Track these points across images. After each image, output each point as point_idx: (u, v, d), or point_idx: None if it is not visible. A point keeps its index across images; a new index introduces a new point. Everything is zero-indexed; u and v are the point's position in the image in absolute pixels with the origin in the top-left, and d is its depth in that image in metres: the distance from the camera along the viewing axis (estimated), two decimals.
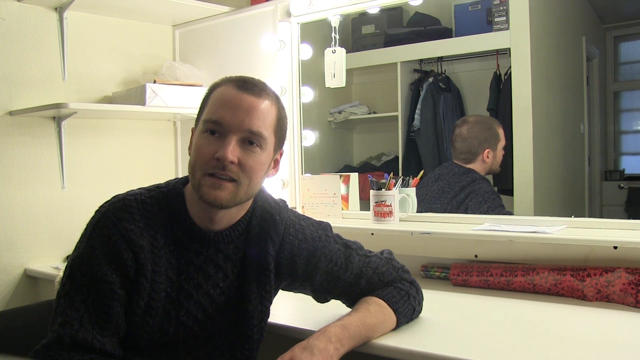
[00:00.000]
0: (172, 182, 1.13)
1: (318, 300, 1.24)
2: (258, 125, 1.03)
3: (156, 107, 2.09)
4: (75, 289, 0.98)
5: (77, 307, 0.97)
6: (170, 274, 1.06)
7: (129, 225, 1.02)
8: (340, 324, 1.07)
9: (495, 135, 2.09)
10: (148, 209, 1.06)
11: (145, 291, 1.02)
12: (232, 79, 1.08)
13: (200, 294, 1.09)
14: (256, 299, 1.12)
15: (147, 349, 1.06)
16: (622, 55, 3.09)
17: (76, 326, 0.96)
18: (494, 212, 1.89)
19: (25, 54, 2.03)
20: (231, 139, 1.02)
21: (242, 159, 1.03)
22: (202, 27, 2.41)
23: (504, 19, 2.15)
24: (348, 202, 2.06)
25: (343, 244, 1.22)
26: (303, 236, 1.18)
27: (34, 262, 2.06)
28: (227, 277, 1.11)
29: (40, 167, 2.07)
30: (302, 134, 2.16)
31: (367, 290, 1.19)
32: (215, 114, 1.04)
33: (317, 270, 1.17)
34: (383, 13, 2.52)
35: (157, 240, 1.05)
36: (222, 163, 1.01)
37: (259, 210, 1.16)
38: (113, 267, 1.00)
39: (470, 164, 2.07)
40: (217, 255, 1.11)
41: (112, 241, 1.00)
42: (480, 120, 2.20)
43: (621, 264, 1.39)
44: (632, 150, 3.07)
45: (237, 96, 1.04)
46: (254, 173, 1.05)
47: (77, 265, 1.00)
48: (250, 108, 1.03)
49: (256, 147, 1.04)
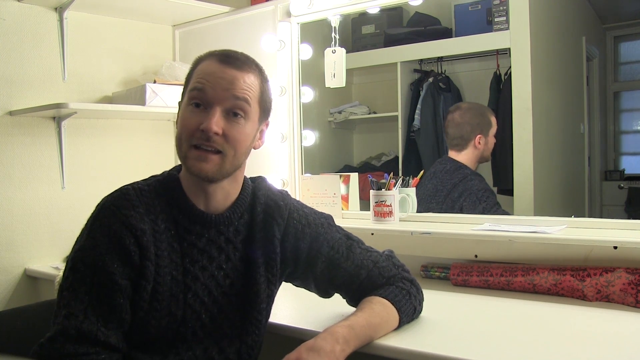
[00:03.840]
0: (167, 171, 1.16)
1: (320, 293, 1.24)
2: (242, 96, 1.06)
3: (156, 107, 2.09)
4: (79, 281, 0.98)
5: (81, 299, 0.97)
6: (174, 258, 1.07)
7: (129, 211, 1.03)
8: (347, 324, 1.06)
9: (487, 122, 2.11)
10: (147, 196, 1.07)
11: (151, 275, 1.02)
12: (216, 53, 1.11)
13: (206, 275, 1.10)
14: (264, 282, 1.14)
15: (156, 342, 1.06)
16: (622, 55, 3.09)
17: (81, 317, 0.96)
18: (490, 212, 1.89)
19: (25, 54, 2.03)
20: (215, 111, 1.04)
21: (227, 130, 1.05)
22: (202, 27, 2.41)
23: (504, 19, 2.15)
24: (348, 202, 2.06)
25: (345, 234, 1.24)
26: (307, 221, 1.20)
27: (34, 262, 2.06)
28: (229, 259, 1.13)
29: (40, 167, 2.07)
30: (302, 134, 2.16)
31: (367, 284, 1.19)
32: (199, 84, 1.06)
33: (319, 256, 1.18)
34: (383, 13, 2.52)
35: (158, 224, 1.06)
36: (207, 134, 1.03)
37: (263, 197, 1.18)
38: (116, 257, 1.00)
39: (463, 152, 2.08)
40: (218, 238, 1.12)
41: (112, 229, 1.01)
42: (473, 106, 2.21)
43: (621, 264, 1.39)
44: (632, 150, 3.07)
45: (220, 69, 1.06)
46: (239, 144, 1.07)
47: (79, 257, 1.00)
48: (233, 80, 1.06)
49: (240, 119, 1.06)
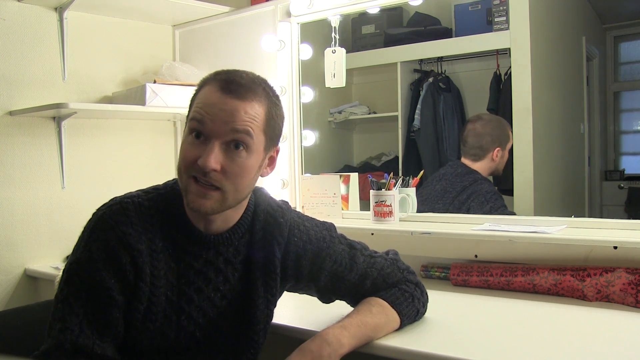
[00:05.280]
0: (170, 183, 1.11)
1: (323, 300, 1.23)
2: (242, 129, 0.99)
3: (156, 107, 2.09)
4: (74, 295, 0.96)
5: (77, 313, 0.95)
6: (170, 278, 1.04)
7: (127, 228, 1.00)
8: (339, 325, 1.07)
9: (506, 136, 2.10)
10: (146, 212, 1.04)
11: (145, 296, 1.00)
12: (218, 77, 1.03)
13: (201, 298, 1.07)
14: (263, 303, 1.11)
15: (148, 354, 1.05)
16: (622, 55, 3.09)
17: (76, 332, 0.94)
18: (497, 212, 1.89)
19: (25, 54, 2.03)
20: (214, 146, 0.98)
21: (226, 165, 0.99)
22: (202, 27, 2.41)
23: (504, 19, 2.15)
24: (348, 202, 2.06)
25: (347, 244, 1.21)
26: (308, 237, 1.17)
27: (34, 262, 2.05)
28: (227, 280, 1.10)
29: (40, 167, 2.07)
30: (302, 134, 2.16)
31: (371, 291, 1.18)
32: (198, 114, 1.00)
33: (321, 271, 1.16)
34: (383, 13, 2.52)
35: (156, 243, 1.03)
36: (204, 170, 0.97)
37: (262, 214, 1.14)
38: (111, 272, 0.98)
39: (478, 162, 2.07)
40: (217, 259, 1.09)
41: (109, 245, 0.98)
42: (495, 118, 2.20)
43: (621, 264, 1.39)
44: (632, 150, 3.07)
45: (221, 100, 0.99)
46: (239, 178, 1.01)
47: (74, 270, 0.98)
48: (233, 112, 0.99)
49: (242, 151, 1.00)
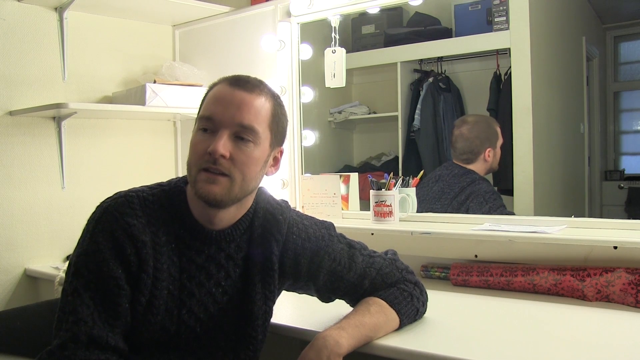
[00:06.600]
0: (174, 181, 1.14)
1: (323, 300, 1.23)
2: (249, 119, 1.04)
3: (156, 107, 2.09)
4: (84, 286, 0.98)
5: (87, 304, 0.96)
6: (173, 272, 1.06)
7: (132, 220, 1.02)
8: (337, 326, 1.07)
9: (495, 134, 2.11)
10: (150, 206, 1.06)
11: (147, 288, 1.02)
12: (227, 78, 1.09)
13: (203, 292, 1.08)
14: (261, 300, 1.12)
15: (148, 348, 1.05)
16: (622, 55, 3.08)
17: (90, 323, 0.95)
18: (496, 213, 1.89)
19: (25, 54, 2.03)
20: (222, 134, 1.02)
21: (234, 153, 1.03)
22: (202, 27, 2.41)
23: (504, 19, 2.15)
24: (348, 202, 2.06)
25: (347, 243, 1.21)
26: (306, 235, 1.18)
27: (34, 262, 2.05)
28: (229, 276, 1.11)
29: (40, 167, 2.07)
30: (302, 134, 2.16)
31: (370, 291, 1.19)
32: (207, 110, 1.05)
33: (320, 270, 1.17)
34: (383, 13, 2.52)
35: (159, 237, 1.04)
36: (214, 157, 1.01)
37: (261, 211, 1.16)
38: (118, 262, 0.99)
39: (471, 164, 2.07)
40: (218, 254, 1.10)
41: (115, 236, 1.00)
42: (480, 119, 2.20)
43: (621, 264, 1.39)
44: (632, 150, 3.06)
45: (229, 92, 1.05)
46: (246, 167, 1.04)
47: (82, 262, 1.00)
48: (241, 103, 1.04)
49: (249, 143, 1.04)
